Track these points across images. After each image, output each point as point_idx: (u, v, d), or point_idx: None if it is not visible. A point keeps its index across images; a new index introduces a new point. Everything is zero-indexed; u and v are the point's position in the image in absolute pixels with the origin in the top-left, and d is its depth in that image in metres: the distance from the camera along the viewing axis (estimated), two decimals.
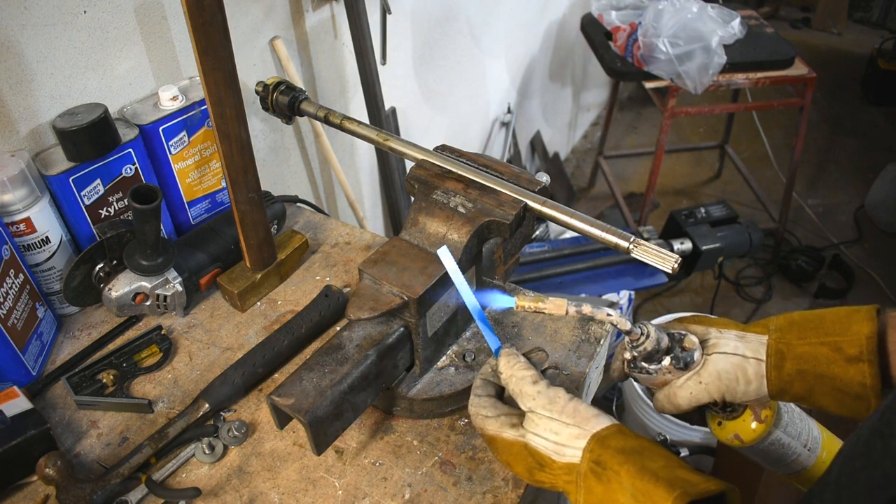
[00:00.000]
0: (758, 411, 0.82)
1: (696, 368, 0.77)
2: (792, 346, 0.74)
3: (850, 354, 0.70)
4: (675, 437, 1.99)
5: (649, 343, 0.76)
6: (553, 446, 0.69)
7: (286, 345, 1.01)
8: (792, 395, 0.75)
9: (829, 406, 0.73)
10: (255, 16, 1.43)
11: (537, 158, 3.46)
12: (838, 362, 0.71)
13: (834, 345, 0.72)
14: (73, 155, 1.02)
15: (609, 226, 0.81)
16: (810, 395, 0.73)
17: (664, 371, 0.78)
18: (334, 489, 0.87)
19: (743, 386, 0.75)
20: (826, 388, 0.72)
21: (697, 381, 0.77)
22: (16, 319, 0.96)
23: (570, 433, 0.68)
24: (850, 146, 4.02)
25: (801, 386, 0.73)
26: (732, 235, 2.57)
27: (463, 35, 2.43)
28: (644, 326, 0.76)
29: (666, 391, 0.80)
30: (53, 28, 1.02)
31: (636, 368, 0.80)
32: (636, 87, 4.36)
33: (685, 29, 2.37)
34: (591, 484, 0.65)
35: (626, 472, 0.63)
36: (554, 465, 0.69)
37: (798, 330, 0.75)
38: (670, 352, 0.77)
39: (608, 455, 0.65)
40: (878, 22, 5.18)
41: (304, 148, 1.75)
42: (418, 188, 0.93)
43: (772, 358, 0.74)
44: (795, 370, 0.73)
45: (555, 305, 0.72)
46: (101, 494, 0.83)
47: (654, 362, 0.78)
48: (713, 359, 0.76)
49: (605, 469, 0.65)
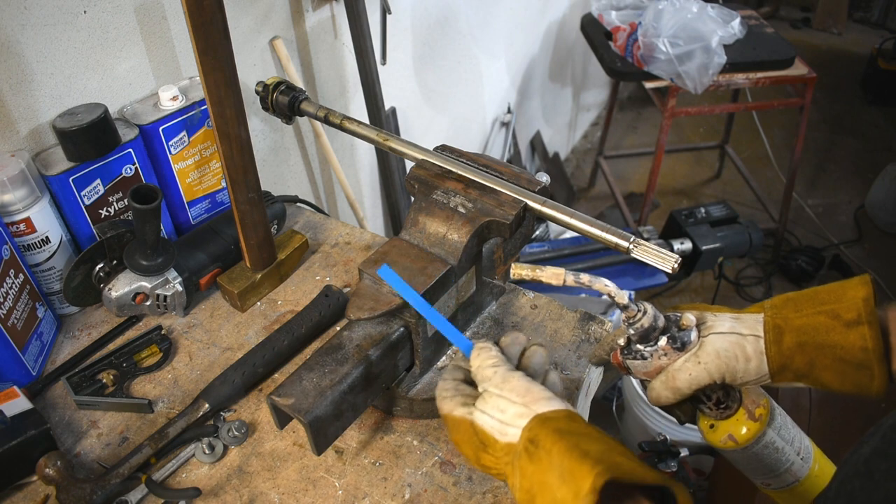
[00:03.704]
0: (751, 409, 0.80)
1: (693, 349, 0.75)
2: (789, 320, 0.72)
3: (848, 319, 0.69)
4: (675, 438, 1.99)
5: (646, 319, 0.74)
6: (498, 425, 0.65)
7: (286, 345, 1.01)
8: (793, 371, 0.72)
9: (831, 381, 0.71)
10: (255, 16, 1.43)
11: (537, 158, 3.46)
12: (837, 329, 0.69)
13: (831, 312, 0.70)
14: (73, 155, 1.02)
15: (609, 226, 0.81)
16: (812, 369, 0.71)
17: (660, 353, 0.76)
18: (334, 489, 0.87)
19: (743, 364, 0.73)
20: (827, 360, 0.70)
21: (696, 362, 0.74)
22: (16, 319, 0.96)
23: (515, 412, 0.65)
24: (850, 146, 4.02)
25: (801, 360, 0.71)
26: (732, 235, 2.57)
27: (463, 35, 2.43)
28: (641, 304, 0.75)
29: (663, 377, 0.77)
30: (53, 28, 1.02)
31: (630, 354, 0.78)
32: (636, 87, 4.36)
33: (685, 29, 2.37)
34: (524, 464, 0.62)
35: (558, 450, 0.60)
36: (497, 445, 0.65)
37: (794, 304, 0.73)
38: (667, 331, 0.76)
39: (543, 434, 0.62)
40: (878, 22, 5.18)
41: (304, 148, 1.75)
42: (418, 188, 0.93)
43: (770, 333, 0.73)
44: (795, 343, 0.71)
45: (552, 274, 0.71)
46: (101, 494, 0.83)
47: (650, 343, 0.76)
48: (710, 339, 0.75)
49: (538, 448, 0.61)
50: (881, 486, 0.52)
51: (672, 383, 0.76)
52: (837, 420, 1.64)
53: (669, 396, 0.78)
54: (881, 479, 0.52)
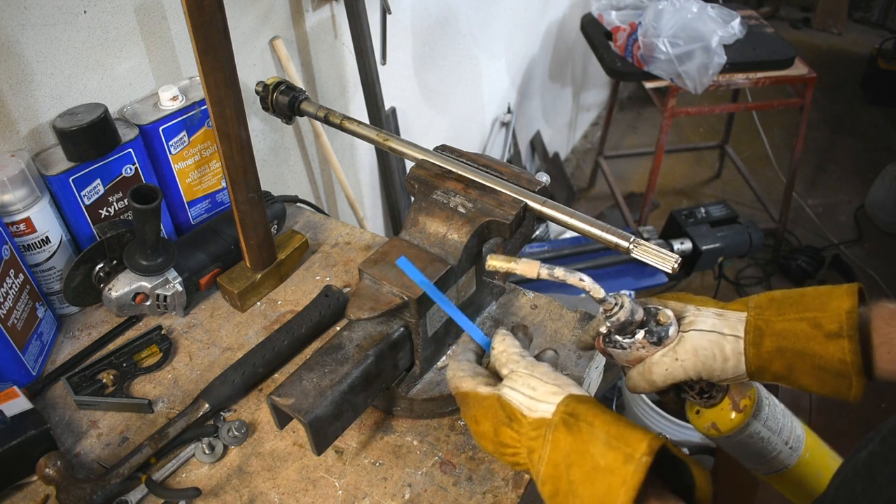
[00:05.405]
0: (737, 400, 0.80)
1: (672, 344, 0.75)
2: (771, 323, 0.72)
3: (829, 330, 0.69)
4: (675, 438, 1.99)
5: (622, 313, 0.74)
6: (527, 401, 0.67)
7: (286, 345, 1.01)
8: (772, 374, 0.73)
9: (810, 385, 0.71)
10: (255, 16, 1.43)
11: (537, 158, 3.46)
12: (818, 339, 0.69)
13: (813, 321, 0.70)
14: (73, 155, 1.02)
15: (609, 226, 0.81)
16: (790, 373, 0.72)
17: (638, 346, 0.76)
18: (334, 489, 0.87)
19: (720, 363, 0.73)
20: (806, 367, 0.70)
21: (674, 358, 0.75)
22: (16, 319, 0.96)
23: (547, 389, 0.67)
24: (850, 146, 4.02)
25: (780, 364, 0.72)
26: (732, 235, 2.57)
27: (463, 35, 2.43)
28: (618, 297, 0.75)
29: (640, 367, 0.78)
30: (53, 28, 1.02)
31: (610, 342, 0.79)
32: (636, 87, 4.36)
33: (685, 29, 2.37)
34: (560, 436, 0.63)
35: (602, 421, 0.62)
36: (524, 420, 0.67)
37: (777, 306, 0.73)
38: (644, 325, 0.76)
39: (583, 409, 0.64)
40: (878, 22, 5.18)
41: (304, 148, 1.75)
42: (418, 188, 0.93)
43: (750, 335, 0.72)
44: (774, 347, 0.71)
45: (526, 266, 0.71)
46: (101, 494, 0.83)
47: (628, 336, 0.77)
48: (689, 336, 0.75)
49: (579, 420, 0.63)
50: (884, 491, 0.52)
51: (648, 376, 0.77)
52: (838, 421, 1.64)
53: (645, 387, 0.79)
54: (884, 483, 0.52)
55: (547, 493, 0.65)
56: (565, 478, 0.62)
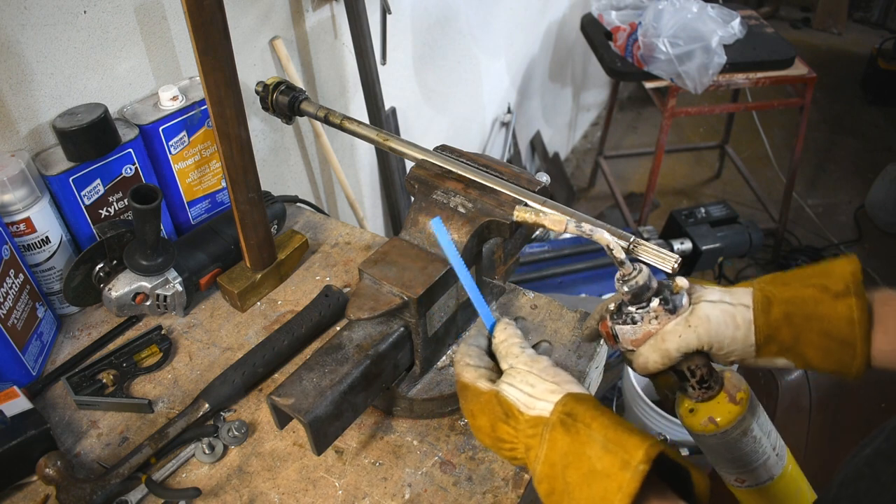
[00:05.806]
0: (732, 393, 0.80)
1: (685, 314, 0.76)
2: (778, 293, 0.74)
3: (836, 290, 0.70)
4: (675, 438, 1.99)
5: (641, 277, 0.74)
6: (525, 398, 0.68)
7: (286, 345, 1.01)
8: (779, 343, 0.74)
9: (814, 357, 0.72)
10: (255, 16, 1.43)
11: (537, 158, 3.46)
12: (826, 301, 0.71)
13: (820, 285, 0.72)
14: (73, 155, 1.02)
15: (609, 226, 0.81)
16: (797, 343, 0.72)
17: (651, 317, 0.76)
18: (334, 489, 0.87)
19: (732, 331, 0.74)
20: (813, 335, 0.71)
21: (687, 325, 0.75)
22: (16, 319, 0.96)
23: (545, 387, 0.68)
24: (850, 146, 4.02)
25: (788, 332, 0.72)
26: (732, 235, 2.57)
27: (463, 35, 2.43)
28: (637, 262, 0.75)
29: (653, 340, 0.77)
30: (53, 28, 1.02)
31: (620, 318, 0.78)
32: (636, 87, 4.36)
33: (685, 29, 2.37)
34: (557, 436, 0.63)
35: (599, 424, 0.62)
36: (521, 417, 0.67)
37: (782, 280, 0.75)
38: (659, 293, 0.76)
39: (581, 409, 0.64)
40: (878, 22, 5.18)
41: (304, 148, 1.75)
42: (418, 188, 0.93)
43: (758, 304, 0.74)
44: (783, 314, 0.72)
45: (554, 221, 0.71)
46: (101, 494, 0.83)
47: (643, 305, 0.76)
48: (702, 305, 0.75)
49: (576, 421, 0.63)
50: (888, 490, 0.52)
51: (662, 345, 0.76)
52: (837, 421, 1.64)
53: (657, 360, 0.77)
54: (888, 481, 0.52)
55: (543, 492, 0.65)
56: (561, 478, 0.63)
